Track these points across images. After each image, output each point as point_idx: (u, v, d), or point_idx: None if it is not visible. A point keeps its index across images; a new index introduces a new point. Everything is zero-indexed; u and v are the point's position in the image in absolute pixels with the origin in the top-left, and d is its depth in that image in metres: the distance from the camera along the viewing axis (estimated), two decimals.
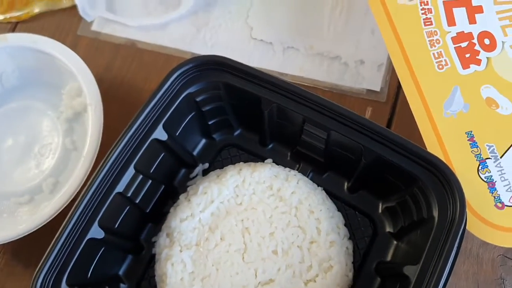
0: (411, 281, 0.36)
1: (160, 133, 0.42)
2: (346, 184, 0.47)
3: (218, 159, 0.49)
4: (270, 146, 0.49)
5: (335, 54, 0.51)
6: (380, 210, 0.45)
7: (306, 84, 0.51)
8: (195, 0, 0.54)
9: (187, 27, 0.54)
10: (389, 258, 0.43)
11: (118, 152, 0.40)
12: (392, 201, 0.44)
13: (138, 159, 0.41)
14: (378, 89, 0.50)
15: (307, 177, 0.47)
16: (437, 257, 0.35)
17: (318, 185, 0.46)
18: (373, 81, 0.50)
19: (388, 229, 0.45)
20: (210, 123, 0.48)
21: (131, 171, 0.41)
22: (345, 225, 0.45)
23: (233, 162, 0.48)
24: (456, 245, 0.35)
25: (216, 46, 0.53)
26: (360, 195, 0.46)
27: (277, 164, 0.47)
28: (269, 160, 0.47)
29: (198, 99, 0.44)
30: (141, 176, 0.43)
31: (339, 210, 0.45)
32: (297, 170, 0.47)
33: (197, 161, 0.49)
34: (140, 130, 0.41)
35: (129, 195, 0.42)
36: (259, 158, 0.48)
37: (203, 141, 0.49)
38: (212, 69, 0.43)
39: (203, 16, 0.54)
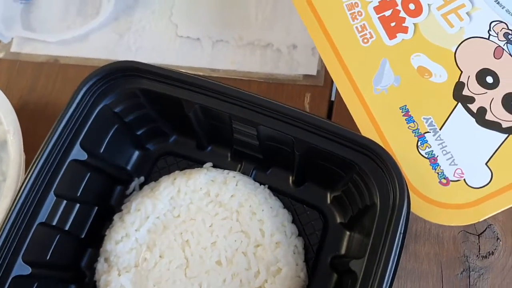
0: (358, 277, 0.33)
1: (78, 153, 0.39)
2: (290, 178, 0.44)
3: (155, 170, 0.46)
4: (209, 149, 0.46)
5: (266, 42, 0.48)
6: (328, 201, 0.42)
7: (239, 77, 0.48)
8: (114, 6, 0.51)
9: (109, 34, 0.51)
10: (343, 251, 0.41)
11: (33, 179, 0.37)
12: (338, 190, 0.41)
13: (58, 184, 0.38)
14: (314, 73, 0.47)
15: (251, 176, 0.44)
16: (381, 248, 0.33)
17: (263, 183, 0.43)
18: (309, 66, 0.47)
19: (339, 219, 0.42)
20: (139, 133, 0.44)
21: (51, 198, 0.38)
22: (293, 221, 0.42)
23: (171, 171, 0.45)
24: (399, 232, 0.32)
25: (141, 49, 0.50)
26: (306, 188, 0.43)
27: (219, 166, 0.44)
28: (209, 164, 0.44)
29: (117, 110, 0.41)
30: (65, 202, 0.40)
31: (286, 206, 0.43)
32: (239, 170, 0.44)
33: (133, 175, 0.45)
34: (55, 153, 0.38)
35: (54, 223, 0.39)
36: (198, 163, 0.45)
37: (137, 153, 0.46)
38: (125, 75, 0.39)
39: (124, 21, 0.51)
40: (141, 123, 0.44)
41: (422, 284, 0.40)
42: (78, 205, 0.41)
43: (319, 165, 0.39)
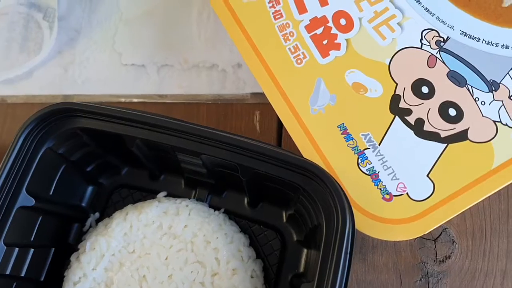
0: None
1: (25, 199, 0.39)
2: (246, 199, 0.43)
3: (110, 204, 0.46)
4: (162, 178, 0.45)
5: (211, 63, 0.48)
6: (284, 219, 0.42)
7: (188, 101, 0.48)
8: (56, 39, 0.50)
9: (53, 69, 0.50)
10: (301, 269, 0.41)
11: None
12: (291, 209, 0.41)
13: (7, 233, 0.38)
14: (261, 90, 0.46)
15: (206, 200, 0.44)
16: (329, 267, 0.32)
17: (219, 207, 0.43)
18: (255, 84, 0.46)
19: (296, 237, 0.42)
20: (88, 169, 0.44)
21: (1, 247, 0.38)
22: (251, 243, 0.42)
23: (125, 203, 0.45)
24: (345, 251, 0.32)
25: (87, 81, 0.49)
26: (262, 208, 0.43)
27: (174, 194, 0.44)
28: (163, 193, 0.44)
29: (60, 151, 0.40)
30: (17, 249, 0.39)
31: (243, 229, 0.43)
32: (194, 197, 0.44)
33: (88, 211, 0.45)
34: (1, 202, 0.38)
35: (8, 273, 0.39)
36: (153, 193, 0.45)
37: (90, 188, 0.46)
38: (64, 117, 0.39)
39: (68, 54, 0.50)
40: (89, 159, 0.43)
41: None
42: (32, 250, 0.41)
43: (268, 187, 0.39)
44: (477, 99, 0.34)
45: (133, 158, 0.43)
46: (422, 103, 0.35)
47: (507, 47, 0.35)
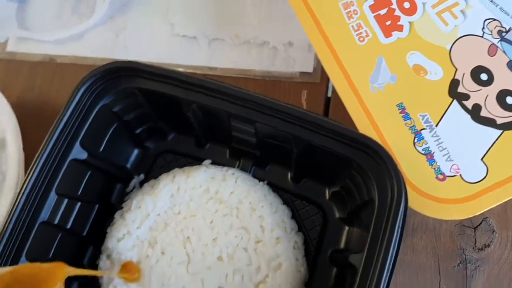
0: (358, 271, 0.34)
1: (78, 152, 0.39)
2: (289, 174, 0.44)
3: (155, 168, 0.46)
4: (207, 146, 0.46)
5: (262, 40, 0.48)
6: (327, 197, 0.43)
7: (236, 75, 0.48)
8: (109, 4, 0.51)
9: (104, 33, 0.51)
10: (342, 245, 0.41)
11: (34, 179, 0.37)
12: (337, 186, 0.41)
13: (59, 183, 0.38)
14: (311, 70, 0.47)
15: (249, 172, 0.45)
16: (380, 242, 0.33)
17: (262, 180, 0.44)
18: (305, 63, 0.47)
19: (338, 214, 0.42)
20: (138, 132, 0.45)
21: (53, 197, 0.38)
22: (293, 217, 0.43)
23: (170, 168, 0.45)
24: (397, 227, 0.33)
25: (138, 48, 0.50)
26: (305, 184, 0.44)
27: (217, 163, 0.45)
28: (208, 161, 0.45)
29: (115, 109, 0.41)
30: (66, 200, 0.40)
31: (285, 202, 0.43)
32: (237, 167, 0.45)
33: (132, 173, 0.46)
34: (55, 152, 0.38)
35: (56, 222, 0.39)
36: (197, 160, 0.46)
37: (136, 151, 0.46)
38: (124, 75, 0.40)
39: (120, 20, 0.51)
40: (140, 122, 0.44)
41: (420, 277, 0.41)
42: (79, 203, 0.41)
43: (317, 162, 0.40)
44: None
45: (182, 124, 0.44)
46: (480, 90, 0.36)
47: None
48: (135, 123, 0.44)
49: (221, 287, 0.39)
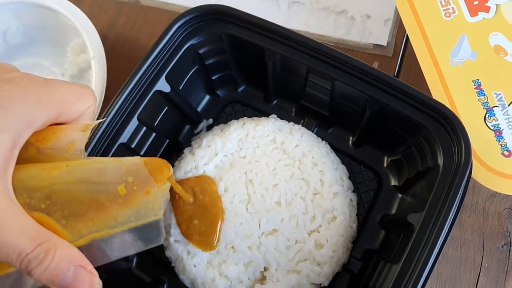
0: (415, 229, 0.36)
1: (163, 85, 0.42)
2: (351, 138, 0.46)
3: (223, 115, 0.49)
4: (275, 102, 0.48)
5: (341, 9, 0.50)
6: (385, 164, 0.45)
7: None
8: None
9: None
10: (393, 211, 0.43)
11: (121, 103, 0.40)
12: (398, 154, 0.43)
13: (141, 110, 0.41)
14: (385, 43, 0.49)
15: (312, 132, 0.47)
16: (441, 204, 0.35)
17: (323, 140, 0.46)
18: (380, 36, 0.49)
19: (393, 182, 0.44)
20: (213, 78, 0.47)
21: (134, 122, 0.41)
22: (350, 178, 0.45)
23: (237, 117, 0.48)
24: (461, 191, 0.35)
25: (220, 2, 0.52)
26: (365, 150, 0.46)
27: (283, 119, 0.47)
28: (274, 116, 0.47)
29: (201, 51, 0.43)
30: (144, 128, 0.43)
31: (344, 164, 0.45)
32: (302, 125, 0.47)
33: (201, 117, 0.48)
34: (143, 81, 0.41)
35: (133, 146, 0.42)
36: (263, 114, 0.48)
37: (207, 97, 0.49)
38: (215, 19, 0.42)
39: None
40: (218, 68, 0.46)
41: (464, 251, 0.43)
42: (154, 134, 0.44)
43: (384, 127, 0.42)
44: None
45: (256, 76, 0.46)
46: None
47: None
48: (213, 68, 0.46)
49: (276, 229, 0.41)
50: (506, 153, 0.37)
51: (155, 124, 0.44)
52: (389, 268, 0.37)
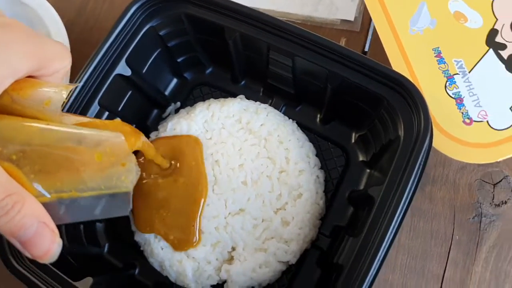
0: (375, 201, 0.35)
1: (123, 68, 0.42)
2: (318, 116, 0.46)
3: (191, 98, 0.49)
4: (243, 83, 0.48)
5: None
6: (353, 140, 0.44)
7: (278, 17, 0.49)
8: None
9: None
10: (362, 187, 0.43)
11: (80, 88, 0.40)
12: (364, 129, 0.43)
13: (102, 95, 0.41)
14: (352, 18, 0.48)
15: (280, 111, 0.46)
16: (401, 175, 0.35)
17: (291, 119, 0.45)
18: (347, 11, 0.48)
19: (361, 158, 0.44)
20: (179, 60, 0.47)
21: (95, 106, 0.41)
22: (318, 155, 0.44)
23: (205, 99, 0.47)
24: (420, 161, 0.34)
25: None
26: (333, 126, 0.45)
27: (251, 100, 0.47)
28: (241, 96, 0.47)
29: (161, 33, 0.43)
30: (107, 113, 0.42)
31: (312, 141, 0.45)
32: (269, 104, 0.46)
33: (169, 100, 0.48)
34: (102, 65, 0.41)
35: None
36: (231, 95, 0.47)
37: (175, 80, 0.49)
38: (174, 0, 0.42)
39: None
40: (182, 50, 0.46)
41: (434, 224, 0.42)
42: (118, 119, 0.44)
43: (348, 102, 0.41)
44: None
45: (221, 57, 0.45)
46: None
47: None
48: (177, 51, 0.46)
49: (242, 208, 0.41)
50: (467, 121, 0.36)
51: (119, 109, 0.44)
52: (352, 242, 0.36)
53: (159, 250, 0.41)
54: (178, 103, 0.48)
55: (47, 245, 0.27)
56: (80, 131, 0.30)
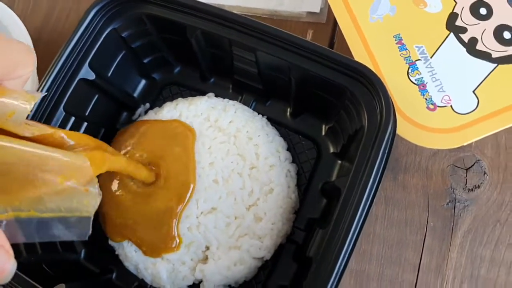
0: (342, 192, 0.35)
1: (86, 73, 0.41)
2: (288, 110, 0.45)
3: (160, 99, 0.48)
4: (211, 80, 0.48)
5: None
6: (323, 133, 0.44)
7: (243, 13, 0.49)
8: None
9: None
10: (333, 178, 0.43)
11: (43, 95, 0.39)
12: (332, 121, 0.42)
13: (67, 101, 0.41)
14: (317, 10, 0.48)
15: (250, 107, 0.46)
16: (365, 164, 0.34)
17: (262, 114, 0.45)
18: (312, 3, 0.48)
19: (332, 150, 0.44)
20: (145, 61, 0.47)
21: (60, 113, 0.41)
22: (288, 149, 0.44)
23: (174, 99, 0.47)
24: (383, 149, 0.34)
25: None
26: (303, 120, 0.45)
27: (221, 97, 0.46)
28: (211, 94, 0.46)
29: (124, 34, 0.43)
30: (73, 118, 0.42)
31: (283, 136, 0.45)
32: (239, 101, 0.46)
33: (139, 102, 0.48)
34: (65, 71, 0.40)
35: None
36: (201, 93, 0.47)
37: (143, 81, 0.48)
38: (133, 1, 0.41)
39: None
40: (147, 51, 0.46)
41: (409, 213, 0.42)
42: (86, 123, 0.43)
43: (314, 95, 0.41)
44: None
45: (187, 56, 0.45)
46: (478, 24, 0.36)
47: None
48: (143, 51, 0.45)
49: (214, 207, 0.40)
50: (431, 106, 0.36)
51: (86, 113, 0.43)
52: (321, 234, 0.36)
53: (132, 254, 0.41)
54: (148, 105, 0.48)
55: (1, 266, 0.26)
56: (44, 152, 0.29)
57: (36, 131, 0.29)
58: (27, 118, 0.34)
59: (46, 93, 0.38)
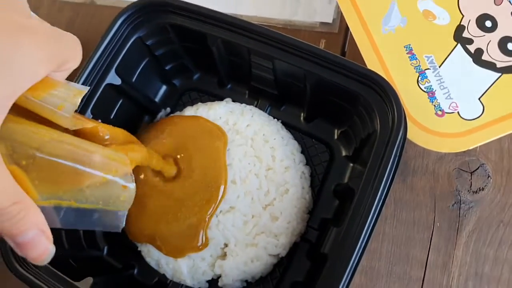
0: (356, 193, 0.37)
1: (113, 78, 0.44)
2: (302, 114, 0.48)
3: (180, 104, 0.51)
4: (229, 86, 0.50)
5: None
6: (336, 136, 0.47)
7: (260, 23, 0.52)
8: None
9: None
10: (346, 180, 0.45)
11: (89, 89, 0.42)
12: (345, 125, 0.45)
13: (94, 104, 0.43)
14: (330, 20, 0.50)
15: (266, 112, 0.48)
16: (378, 166, 0.37)
17: (277, 118, 0.48)
18: (325, 13, 0.50)
19: (344, 153, 0.46)
20: (167, 68, 0.49)
21: (88, 115, 0.43)
22: (302, 152, 0.46)
23: (194, 104, 0.50)
24: (395, 152, 0.36)
25: None
26: (316, 124, 0.47)
27: (237, 102, 0.49)
28: (227, 99, 0.49)
29: (148, 42, 0.45)
30: (99, 121, 0.44)
31: (297, 139, 0.47)
32: (255, 106, 0.48)
33: (160, 107, 0.50)
34: (93, 76, 0.42)
35: None
36: (219, 99, 0.50)
37: (164, 87, 0.51)
38: (157, 11, 0.44)
39: None
40: (169, 58, 0.48)
41: (416, 213, 0.44)
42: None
43: (328, 101, 0.43)
44: None
45: (207, 63, 0.47)
46: (484, 35, 0.39)
47: None
48: (165, 59, 0.48)
49: (232, 206, 0.43)
50: (439, 112, 0.38)
51: (111, 117, 0.46)
52: (336, 232, 0.38)
53: (155, 249, 0.43)
54: (168, 109, 0.50)
55: (41, 249, 0.29)
56: (89, 147, 0.31)
57: (79, 124, 0.31)
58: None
59: (90, 87, 0.40)
